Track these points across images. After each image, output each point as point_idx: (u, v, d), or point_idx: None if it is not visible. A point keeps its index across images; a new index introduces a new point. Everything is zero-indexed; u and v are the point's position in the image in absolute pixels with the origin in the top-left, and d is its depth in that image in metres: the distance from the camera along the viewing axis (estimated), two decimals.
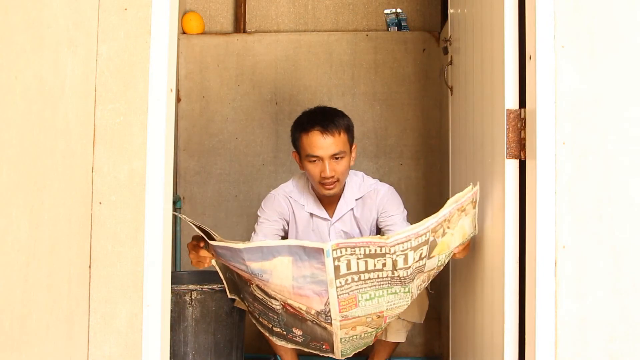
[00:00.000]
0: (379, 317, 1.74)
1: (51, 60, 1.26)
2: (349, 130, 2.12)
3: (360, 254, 1.54)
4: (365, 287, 1.62)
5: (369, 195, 2.20)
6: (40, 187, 1.22)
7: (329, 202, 2.22)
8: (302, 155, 2.11)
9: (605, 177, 1.38)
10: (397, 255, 1.55)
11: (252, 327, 2.29)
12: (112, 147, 1.46)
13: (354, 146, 2.16)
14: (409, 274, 1.61)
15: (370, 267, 1.57)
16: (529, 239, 1.43)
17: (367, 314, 1.71)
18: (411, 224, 2.18)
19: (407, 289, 1.68)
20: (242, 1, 3.12)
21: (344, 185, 2.19)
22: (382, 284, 1.63)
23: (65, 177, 1.33)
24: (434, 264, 1.67)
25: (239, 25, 3.12)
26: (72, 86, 1.36)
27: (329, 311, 1.67)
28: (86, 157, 1.44)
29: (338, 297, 1.62)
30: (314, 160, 2.07)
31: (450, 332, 2.26)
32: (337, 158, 2.06)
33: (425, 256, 1.60)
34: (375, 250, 1.53)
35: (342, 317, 1.69)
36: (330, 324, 1.72)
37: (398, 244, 1.53)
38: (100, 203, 1.45)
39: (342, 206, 2.20)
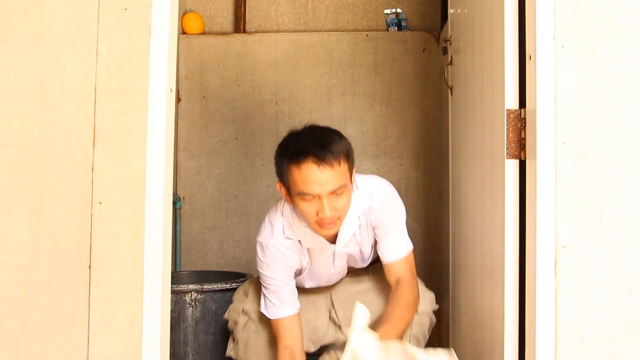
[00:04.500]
0: None
1: (51, 60, 1.26)
2: (348, 156, 1.69)
3: None
4: None
5: (364, 213, 1.82)
6: (40, 187, 1.21)
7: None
8: (292, 191, 1.68)
9: (605, 177, 1.38)
10: None
11: None
12: (112, 147, 1.46)
13: (353, 169, 1.74)
14: None
15: None
16: (529, 239, 1.43)
17: None
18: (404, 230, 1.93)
19: None
20: (242, 1, 3.12)
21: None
22: None
23: (65, 177, 1.33)
24: None
25: (239, 25, 3.12)
26: (72, 86, 1.36)
27: None
28: (86, 157, 1.44)
29: None
30: (309, 200, 1.64)
31: (450, 332, 2.26)
32: (337, 194, 1.65)
33: None
34: None
35: None
36: None
37: None
38: (100, 203, 1.45)
39: (345, 231, 1.79)
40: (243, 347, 1.91)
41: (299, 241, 1.81)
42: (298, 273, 1.88)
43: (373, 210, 1.82)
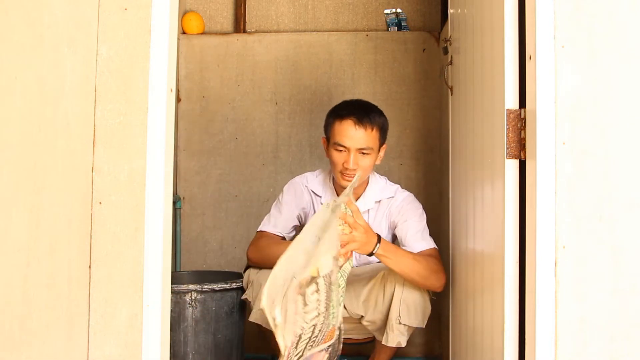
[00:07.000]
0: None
1: (51, 60, 1.26)
2: (382, 129, 2.10)
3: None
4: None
5: (386, 202, 2.18)
6: (40, 187, 1.22)
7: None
8: (330, 142, 2.10)
9: (605, 177, 1.38)
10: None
11: (252, 327, 2.29)
12: (112, 147, 1.46)
13: (383, 146, 2.15)
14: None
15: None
16: (529, 239, 1.43)
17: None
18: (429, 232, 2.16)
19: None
20: (242, 1, 3.12)
21: (367, 185, 2.19)
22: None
23: (65, 177, 1.33)
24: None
25: (239, 25, 3.12)
26: (72, 86, 1.36)
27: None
28: (86, 157, 1.44)
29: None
30: (341, 150, 2.05)
31: (451, 332, 2.26)
32: (363, 153, 2.05)
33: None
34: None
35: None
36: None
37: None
38: (100, 203, 1.45)
39: (360, 205, 2.14)
40: (257, 285, 2.07)
41: (320, 197, 2.22)
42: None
43: (396, 201, 2.18)
